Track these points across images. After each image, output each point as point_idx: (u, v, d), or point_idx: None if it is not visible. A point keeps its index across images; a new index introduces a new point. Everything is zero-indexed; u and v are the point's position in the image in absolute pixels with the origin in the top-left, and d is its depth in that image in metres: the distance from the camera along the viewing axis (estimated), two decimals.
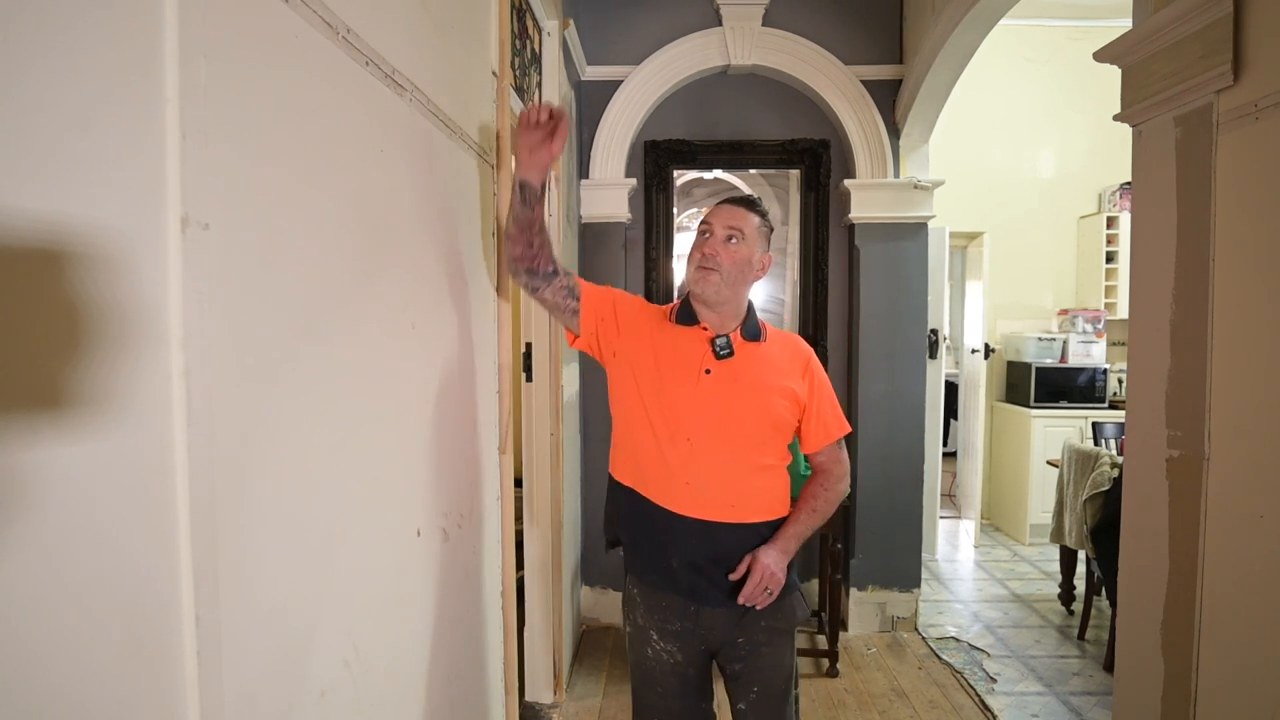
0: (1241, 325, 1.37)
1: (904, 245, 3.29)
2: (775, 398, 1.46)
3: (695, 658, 1.52)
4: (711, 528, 1.43)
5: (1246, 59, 1.35)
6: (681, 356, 1.46)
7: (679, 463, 1.43)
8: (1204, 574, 1.44)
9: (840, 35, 3.26)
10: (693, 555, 1.44)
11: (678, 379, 1.44)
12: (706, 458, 1.42)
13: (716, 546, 1.44)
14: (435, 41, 1.28)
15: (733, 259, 1.44)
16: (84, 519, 0.53)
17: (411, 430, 1.19)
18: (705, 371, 1.44)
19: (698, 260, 1.46)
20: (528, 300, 2.60)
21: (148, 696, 0.60)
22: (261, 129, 0.75)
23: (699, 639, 1.50)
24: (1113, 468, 3.02)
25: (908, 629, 3.34)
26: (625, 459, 1.52)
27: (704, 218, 1.50)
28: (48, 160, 0.50)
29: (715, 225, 1.47)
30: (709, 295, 1.45)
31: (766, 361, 1.49)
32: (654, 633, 1.51)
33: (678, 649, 1.50)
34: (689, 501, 1.43)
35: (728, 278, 1.44)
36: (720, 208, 1.50)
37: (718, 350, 1.45)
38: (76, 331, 0.53)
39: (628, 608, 1.57)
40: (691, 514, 1.43)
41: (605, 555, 3.38)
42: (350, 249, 0.96)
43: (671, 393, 1.44)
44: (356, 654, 0.98)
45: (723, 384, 1.44)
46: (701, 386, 1.44)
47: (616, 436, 1.55)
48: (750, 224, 1.47)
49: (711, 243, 1.45)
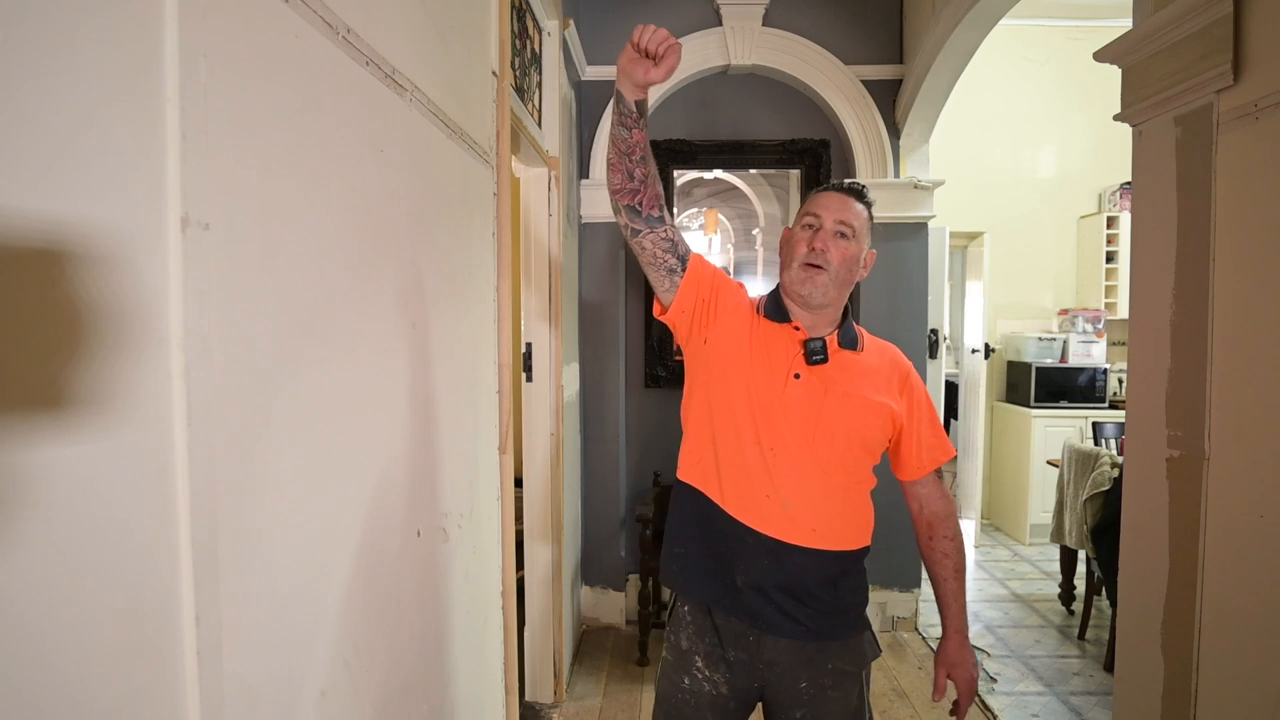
0: (1241, 325, 1.37)
1: (904, 245, 3.29)
2: (869, 414, 1.29)
3: (744, 693, 1.32)
4: (786, 550, 1.26)
5: (1247, 59, 1.35)
6: (769, 355, 1.29)
7: (761, 473, 1.26)
8: (1204, 574, 1.44)
9: (840, 35, 3.26)
10: (760, 577, 1.26)
11: (763, 380, 1.28)
12: (791, 472, 1.25)
13: (789, 573, 1.26)
14: (435, 41, 1.28)
15: (842, 257, 1.28)
16: (84, 519, 0.54)
17: (411, 430, 1.19)
18: (794, 376, 1.28)
19: (803, 256, 1.28)
20: (528, 300, 2.60)
21: (148, 696, 0.60)
22: (262, 129, 0.75)
23: (755, 674, 1.30)
24: (1113, 468, 3.02)
25: (908, 629, 3.34)
26: (697, 458, 1.33)
27: (807, 207, 1.33)
28: (48, 160, 0.51)
29: (825, 217, 1.29)
30: (814, 297, 1.28)
31: (863, 372, 1.32)
32: (700, 659, 1.31)
33: (725, 680, 1.30)
34: (767, 517, 1.26)
35: (836, 278, 1.28)
36: (826, 196, 1.32)
37: (809, 354, 1.28)
38: (77, 331, 0.53)
39: (672, 629, 1.37)
40: (768, 531, 1.26)
41: (606, 555, 3.38)
42: (350, 249, 0.96)
43: (757, 395, 1.28)
44: (356, 654, 0.98)
45: (813, 392, 1.27)
46: (788, 393, 1.27)
47: (689, 433, 1.36)
48: (861, 218, 1.30)
49: (821, 236, 1.28)
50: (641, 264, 1.34)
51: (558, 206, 2.63)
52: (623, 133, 1.21)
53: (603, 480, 3.38)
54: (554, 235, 2.61)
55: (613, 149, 1.24)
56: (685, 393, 1.38)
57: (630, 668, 2.98)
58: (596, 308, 3.33)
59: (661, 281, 1.33)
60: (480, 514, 1.58)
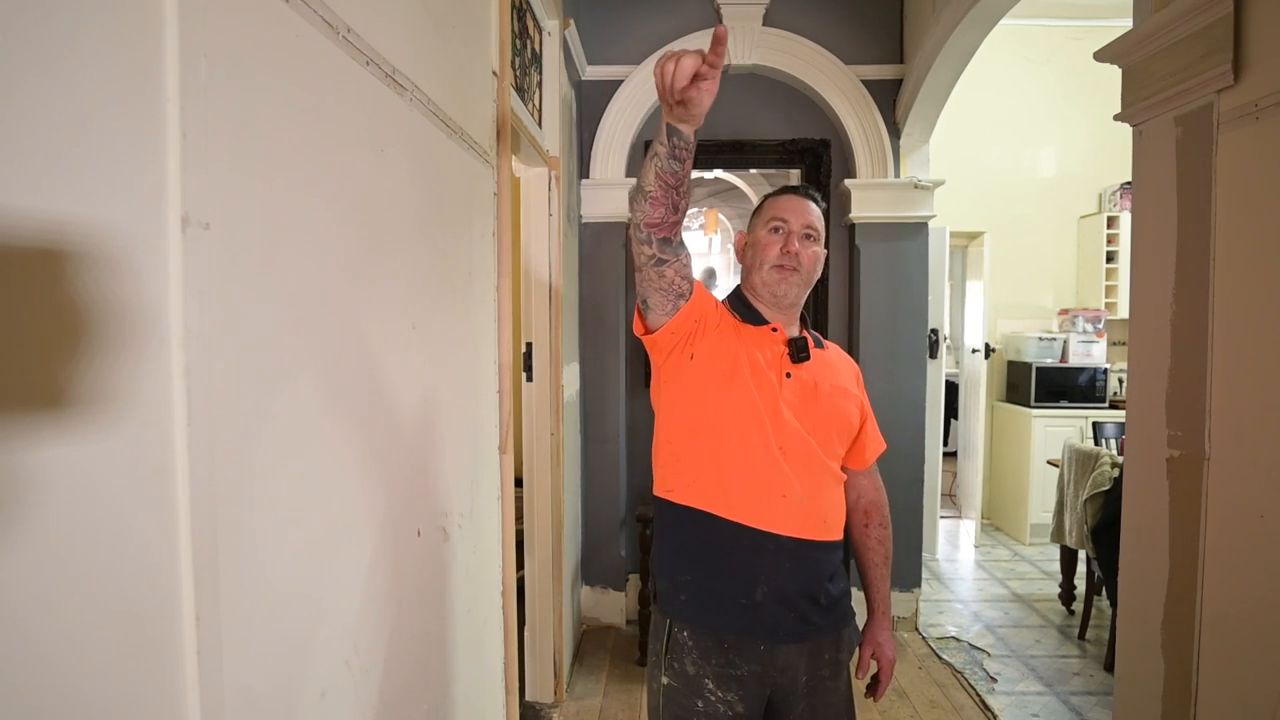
0: (1242, 325, 1.37)
1: (904, 245, 3.29)
2: (850, 406, 1.37)
3: (758, 706, 1.31)
4: (806, 547, 1.28)
5: (1247, 59, 1.35)
6: (762, 360, 1.32)
7: (774, 473, 1.26)
8: (1204, 574, 1.44)
9: (841, 35, 3.26)
10: (783, 584, 1.27)
11: (764, 382, 1.30)
12: (799, 468, 1.28)
13: (809, 572, 1.29)
14: (435, 41, 1.28)
15: (812, 258, 1.33)
16: (85, 518, 0.54)
17: (411, 430, 1.19)
18: (785, 375, 1.32)
19: (775, 258, 1.32)
20: (528, 300, 2.60)
21: (149, 696, 0.60)
22: (262, 129, 0.75)
23: (768, 683, 1.30)
24: (1113, 467, 3.02)
25: (908, 629, 3.34)
26: (693, 478, 1.30)
27: (771, 212, 1.35)
28: (49, 160, 0.51)
29: (792, 221, 1.32)
30: (789, 296, 1.32)
31: (833, 367, 1.39)
32: (710, 681, 1.28)
33: (740, 698, 1.28)
34: (785, 516, 1.27)
35: (806, 278, 1.34)
36: (789, 199, 1.35)
37: (796, 353, 1.33)
38: (77, 331, 0.53)
39: (672, 656, 1.31)
40: (788, 532, 1.27)
41: (606, 555, 3.38)
42: (350, 249, 0.96)
43: (760, 399, 1.29)
44: (357, 654, 0.98)
45: (805, 389, 1.32)
46: (785, 391, 1.30)
47: (677, 453, 1.32)
48: (820, 220, 1.36)
49: (793, 239, 1.32)
50: (649, 288, 1.25)
51: (558, 206, 2.63)
52: (674, 165, 1.11)
53: (603, 480, 3.38)
54: (554, 235, 2.61)
55: (657, 184, 1.13)
56: (663, 415, 1.35)
57: (630, 667, 2.98)
58: (596, 308, 3.33)
59: (664, 305, 1.27)
60: (480, 514, 1.58)
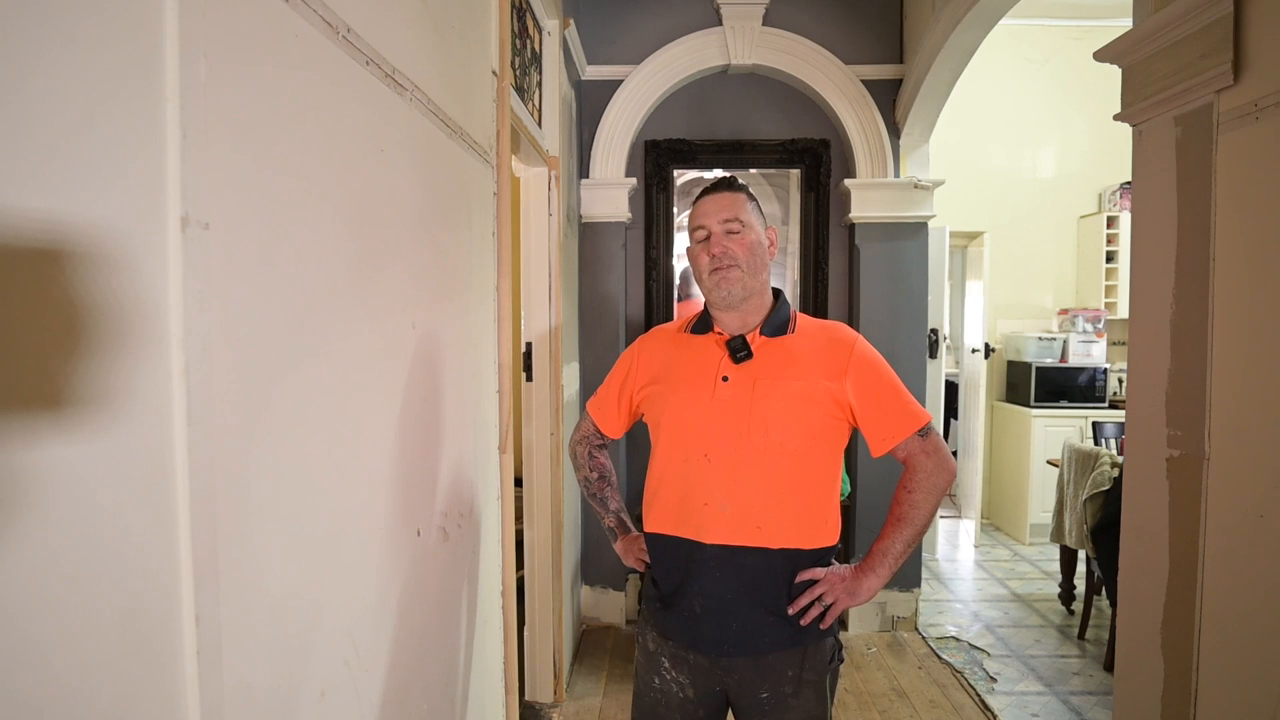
0: (1241, 325, 1.37)
1: (904, 245, 3.29)
2: (800, 398, 1.27)
3: (709, 698, 1.33)
4: (733, 554, 1.26)
5: (1247, 58, 1.35)
6: (696, 368, 1.32)
7: (697, 482, 1.27)
8: (1204, 574, 1.44)
9: (841, 35, 3.26)
10: (716, 590, 1.27)
11: (692, 392, 1.30)
12: (726, 473, 1.26)
13: (742, 578, 1.26)
14: (435, 41, 1.28)
15: (744, 247, 1.29)
16: (84, 519, 0.53)
17: (411, 430, 1.19)
18: (723, 379, 1.29)
19: (707, 264, 1.30)
20: (528, 300, 2.60)
21: (148, 696, 0.60)
22: (262, 128, 0.75)
23: (715, 678, 1.32)
24: (1113, 467, 3.02)
25: (908, 629, 3.34)
26: (650, 502, 1.38)
27: (692, 222, 1.34)
28: (48, 160, 0.50)
29: (711, 223, 1.31)
30: (734, 294, 1.29)
31: (792, 358, 1.30)
32: (666, 659, 1.34)
33: (690, 683, 1.32)
34: (708, 524, 1.27)
35: (748, 268, 1.29)
36: (703, 203, 1.33)
37: (733, 354, 1.29)
38: (76, 331, 0.53)
39: (641, 629, 1.42)
40: (712, 540, 1.26)
41: (606, 555, 3.38)
42: (350, 249, 0.96)
43: (687, 408, 1.30)
44: (356, 654, 0.98)
45: (742, 390, 1.27)
46: (719, 396, 1.28)
47: (646, 487, 1.40)
48: (743, 206, 1.32)
49: (715, 241, 1.30)
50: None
51: (558, 206, 2.63)
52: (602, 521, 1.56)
53: None
54: (554, 235, 2.61)
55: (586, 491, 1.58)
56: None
57: (630, 667, 2.98)
58: (596, 308, 3.34)
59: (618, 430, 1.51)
60: (480, 514, 1.58)
